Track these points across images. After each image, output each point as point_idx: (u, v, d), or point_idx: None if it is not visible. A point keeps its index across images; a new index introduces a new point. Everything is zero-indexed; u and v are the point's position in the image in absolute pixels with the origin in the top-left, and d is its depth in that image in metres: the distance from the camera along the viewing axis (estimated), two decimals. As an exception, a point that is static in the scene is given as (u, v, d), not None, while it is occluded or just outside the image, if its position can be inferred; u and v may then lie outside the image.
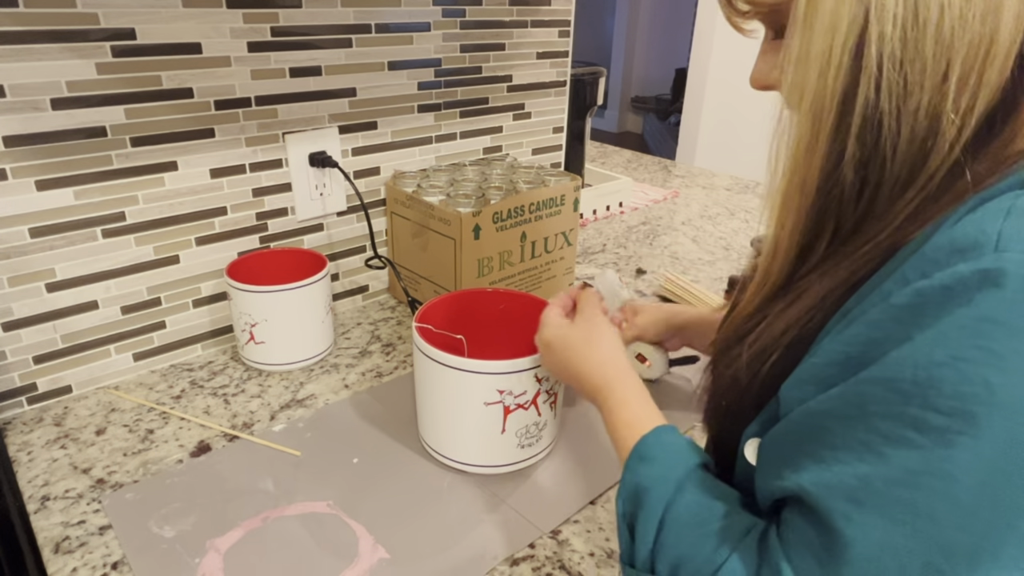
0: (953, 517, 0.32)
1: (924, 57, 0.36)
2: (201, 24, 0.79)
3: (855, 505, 0.34)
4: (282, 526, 0.64)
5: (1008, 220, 0.33)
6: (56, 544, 0.62)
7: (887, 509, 0.34)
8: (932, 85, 0.36)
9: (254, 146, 0.89)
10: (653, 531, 0.44)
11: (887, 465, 0.34)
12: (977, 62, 0.36)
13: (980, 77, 0.36)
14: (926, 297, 0.34)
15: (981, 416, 0.31)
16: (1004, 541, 0.32)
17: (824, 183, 0.40)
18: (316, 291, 0.87)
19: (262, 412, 0.81)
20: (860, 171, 0.39)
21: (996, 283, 0.32)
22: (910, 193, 0.39)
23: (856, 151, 0.39)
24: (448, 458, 0.71)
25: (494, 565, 0.61)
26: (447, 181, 1.01)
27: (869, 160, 0.39)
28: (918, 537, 0.33)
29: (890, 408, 0.34)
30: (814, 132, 0.40)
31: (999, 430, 0.31)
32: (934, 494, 0.33)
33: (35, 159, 0.74)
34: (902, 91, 0.37)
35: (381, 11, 0.94)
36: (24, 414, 0.80)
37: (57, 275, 0.79)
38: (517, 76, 1.15)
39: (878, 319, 0.36)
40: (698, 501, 0.44)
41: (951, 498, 0.32)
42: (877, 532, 0.33)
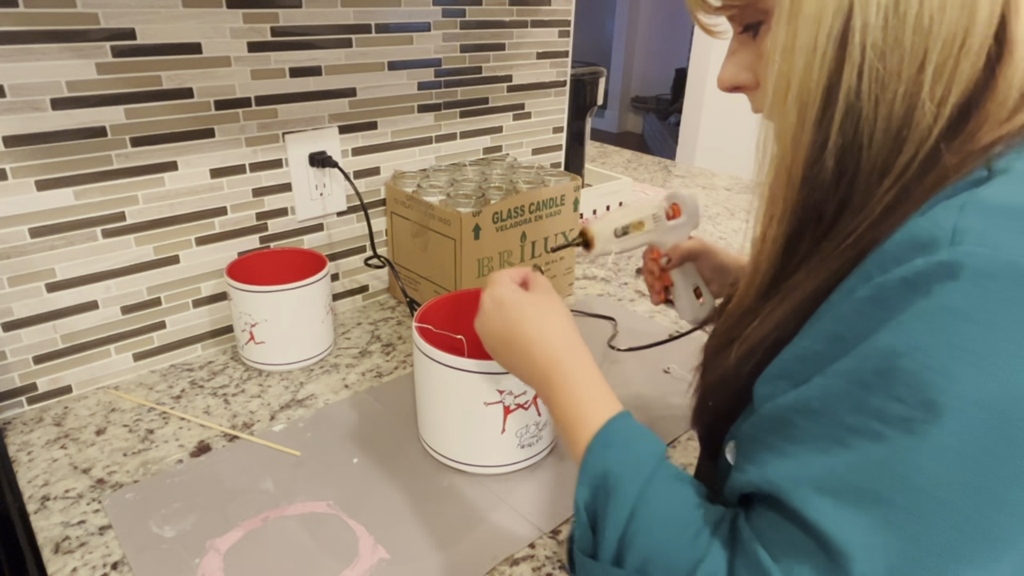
0: (923, 507, 0.32)
1: (903, 46, 0.37)
2: (201, 24, 0.79)
3: (823, 495, 0.34)
4: (282, 526, 0.64)
5: (962, 215, 0.34)
6: (56, 544, 0.62)
7: (856, 499, 0.34)
8: (909, 75, 0.37)
9: (254, 146, 0.89)
10: (623, 521, 0.42)
11: (853, 455, 0.34)
12: (953, 53, 0.37)
13: (955, 67, 0.37)
14: (886, 291, 0.35)
15: (943, 404, 0.32)
16: (980, 531, 0.32)
17: (808, 172, 0.41)
18: (316, 291, 0.87)
19: (262, 412, 0.81)
20: (840, 160, 0.40)
21: (952, 275, 0.32)
22: (886, 182, 0.39)
23: (838, 139, 0.39)
24: (448, 458, 0.71)
25: (494, 565, 0.61)
26: (447, 181, 1.01)
27: (848, 149, 0.39)
28: (890, 528, 0.33)
29: (853, 400, 0.34)
30: (800, 122, 0.40)
31: (962, 417, 0.31)
32: (902, 483, 0.33)
33: (35, 159, 0.74)
34: (882, 80, 0.37)
35: (381, 11, 0.94)
36: (24, 414, 0.80)
37: (57, 275, 0.79)
38: (517, 76, 1.15)
39: (842, 314, 0.37)
40: (670, 490, 0.43)
41: (920, 488, 0.32)
42: (849, 521, 0.33)
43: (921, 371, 0.32)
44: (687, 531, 0.41)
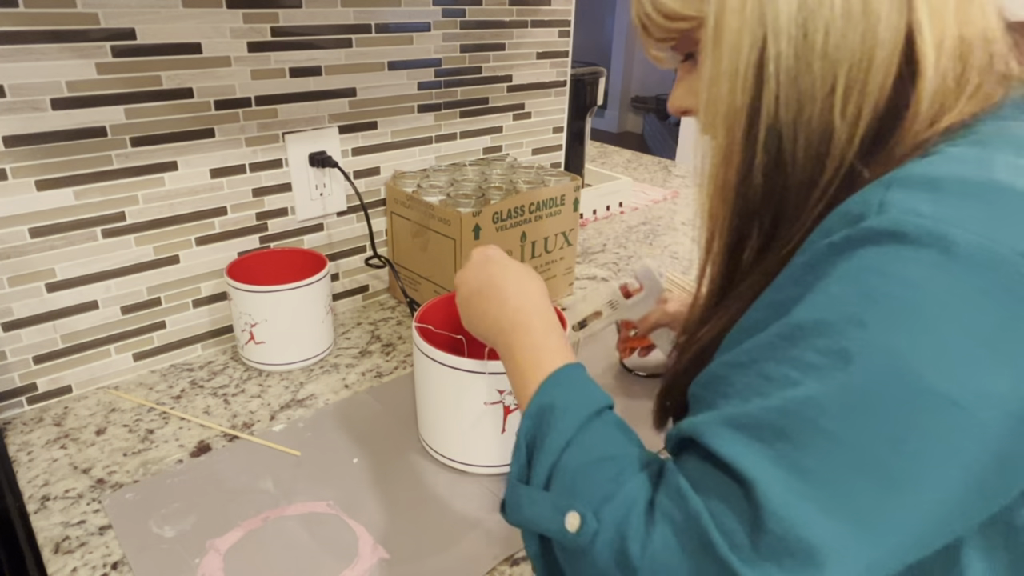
0: (822, 444, 0.34)
1: (813, 71, 0.40)
2: (201, 24, 0.79)
3: (735, 432, 0.36)
4: (282, 526, 0.64)
5: (889, 191, 0.36)
6: (56, 544, 0.62)
7: (763, 435, 0.35)
8: (821, 96, 0.41)
9: (254, 146, 0.89)
10: (558, 450, 0.43)
11: (768, 400, 0.36)
12: (859, 75, 0.40)
13: (863, 88, 0.40)
14: (817, 257, 0.37)
15: (854, 352, 0.34)
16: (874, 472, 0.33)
17: (740, 188, 0.45)
18: (316, 291, 0.87)
19: (262, 412, 0.81)
20: (768, 176, 0.43)
21: (876, 241, 0.35)
22: (815, 195, 0.43)
23: (763, 157, 0.43)
24: (448, 458, 0.71)
25: (494, 565, 0.61)
26: (447, 181, 1.01)
27: (774, 165, 0.43)
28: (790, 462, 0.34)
29: (776, 352, 0.37)
30: (729, 142, 0.44)
31: (869, 364, 0.34)
32: (806, 422, 0.34)
33: (35, 159, 0.74)
34: (797, 102, 0.41)
35: (381, 11, 0.94)
36: (24, 414, 0.80)
37: (57, 275, 0.79)
38: (517, 76, 1.15)
39: (780, 283, 0.40)
40: (609, 431, 0.45)
41: (821, 427, 0.34)
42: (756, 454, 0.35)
43: (838, 322, 0.35)
44: (617, 464, 0.42)
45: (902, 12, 0.39)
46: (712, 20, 0.42)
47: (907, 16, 0.39)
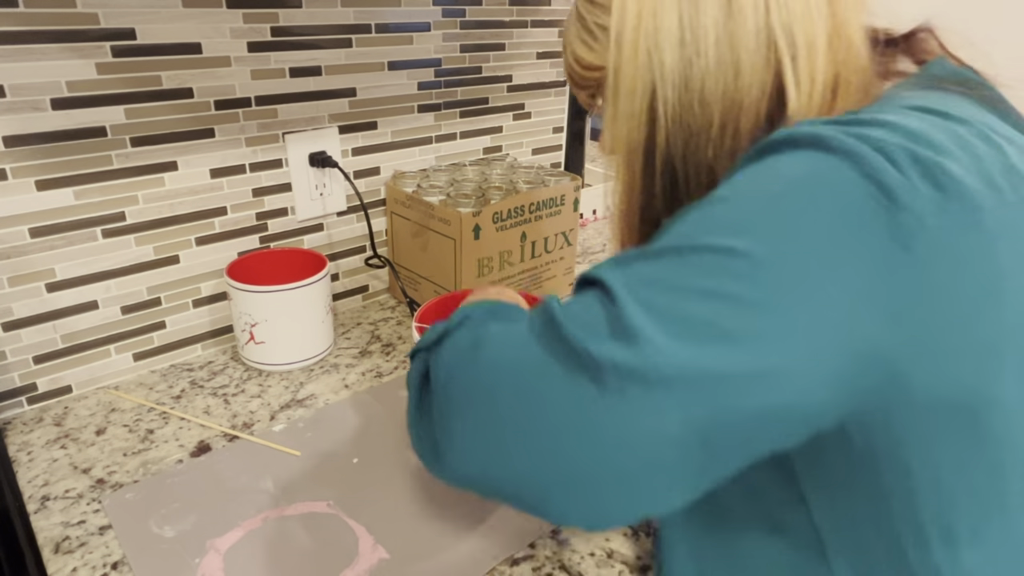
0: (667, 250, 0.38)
1: (695, 113, 0.46)
2: (201, 24, 0.79)
3: (613, 265, 0.39)
4: (282, 526, 0.64)
5: (799, 125, 0.39)
6: (56, 544, 0.62)
7: (629, 259, 0.39)
8: (704, 134, 0.47)
9: (254, 146, 0.89)
10: (458, 315, 0.49)
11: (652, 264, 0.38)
12: (732, 116, 0.46)
13: (736, 127, 0.46)
14: (734, 170, 0.41)
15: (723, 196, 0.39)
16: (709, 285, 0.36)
17: (644, 214, 0.51)
18: (316, 291, 0.87)
19: (262, 412, 0.81)
20: (668, 202, 0.49)
21: (776, 150, 0.39)
22: None
23: (662, 187, 0.49)
24: (448, 458, 0.71)
25: (494, 565, 0.61)
26: (447, 181, 1.01)
27: (672, 192, 0.49)
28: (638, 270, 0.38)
29: (676, 233, 0.39)
30: (630, 175, 0.50)
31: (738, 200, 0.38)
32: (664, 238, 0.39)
33: (35, 159, 0.74)
34: (684, 139, 0.47)
35: (381, 11, 0.94)
36: (24, 414, 0.80)
37: (57, 275, 0.79)
38: (517, 76, 1.15)
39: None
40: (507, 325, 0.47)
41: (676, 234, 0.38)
42: (618, 271, 0.38)
43: (719, 191, 0.39)
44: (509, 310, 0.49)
45: (769, 61, 0.45)
46: (612, 69, 0.49)
47: (774, 65, 0.45)
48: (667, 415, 0.34)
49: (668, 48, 0.46)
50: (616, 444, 0.35)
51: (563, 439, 0.36)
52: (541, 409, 0.37)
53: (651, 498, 0.36)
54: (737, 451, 0.36)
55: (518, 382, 0.39)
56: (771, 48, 0.45)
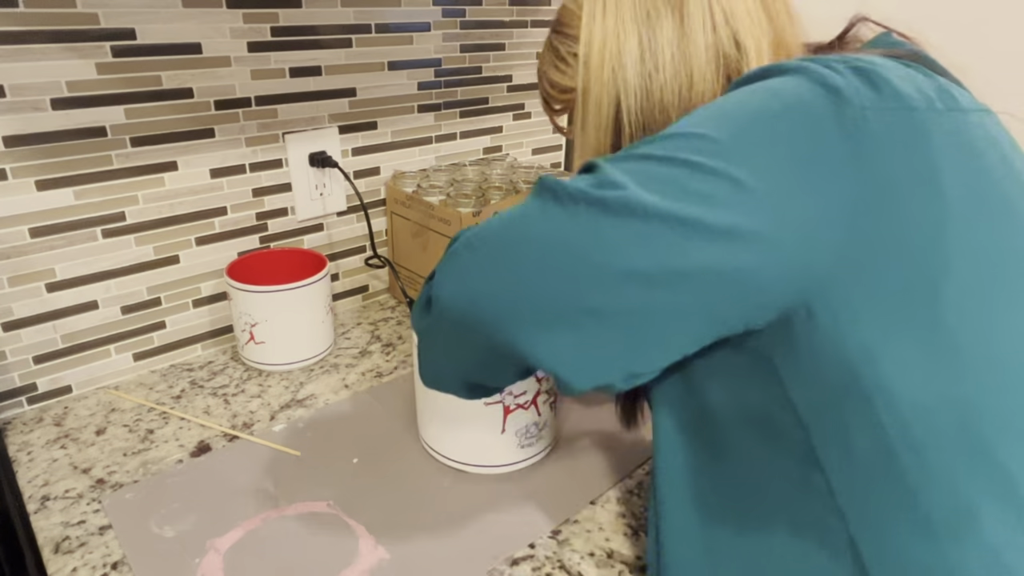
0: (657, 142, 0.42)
1: (655, 119, 0.53)
2: (201, 24, 0.79)
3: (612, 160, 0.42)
4: (282, 526, 0.64)
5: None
6: (56, 544, 0.62)
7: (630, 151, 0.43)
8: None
9: (254, 146, 0.89)
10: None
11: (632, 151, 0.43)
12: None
13: None
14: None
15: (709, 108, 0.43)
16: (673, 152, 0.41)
17: None
18: (316, 291, 0.87)
19: (262, 412, 0.81)
20: None
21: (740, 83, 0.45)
22: None
23: None
24: (448, 458, 0.71)
25: (494, 565, 0.61)
26: (447, 181, 1.01)
27: None
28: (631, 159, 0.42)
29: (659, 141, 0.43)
30: None
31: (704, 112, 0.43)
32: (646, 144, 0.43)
33: (35, 159, 0.74)
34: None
35: (381, 11, 0.94)
36: (24, 414, 0.80)
37: (57, 275, 0.79)
38: (517, 76, 1.15)
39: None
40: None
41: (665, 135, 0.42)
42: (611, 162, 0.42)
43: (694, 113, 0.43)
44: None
45: (718, 70, 0.52)
46: (581, 88, 0.56)
47: (723, 72, 0.52)
48: (635, 247, 0.38)
49: (630, 65, 0.54)
50: (587, 275, 0.38)
51: (538, 264, 0.40)
52: (522, 234, 0.41)
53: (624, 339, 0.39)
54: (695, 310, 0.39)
55: (508, 223, 0.43)
56: (719, 59, 0.53)
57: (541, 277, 0.40)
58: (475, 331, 0.45)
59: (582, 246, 0.39)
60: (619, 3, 0.55)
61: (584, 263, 0.39)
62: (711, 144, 0.39)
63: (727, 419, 0.45)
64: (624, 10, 0.54)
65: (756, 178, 0.38)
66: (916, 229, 0.38)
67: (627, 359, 0.40)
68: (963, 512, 0.37)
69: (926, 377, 0.38)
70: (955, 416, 0.38)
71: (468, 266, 0.44)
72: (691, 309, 0.38)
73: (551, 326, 0.40)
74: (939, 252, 0.38)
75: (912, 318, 0.38)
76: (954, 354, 0.38)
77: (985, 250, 0.39)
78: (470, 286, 0.44)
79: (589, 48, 0.56)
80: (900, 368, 0.38)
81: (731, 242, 0.37)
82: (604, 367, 0.41)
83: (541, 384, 0.68)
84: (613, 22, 0.55)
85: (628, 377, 0.41)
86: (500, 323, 0.42)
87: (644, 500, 0.69)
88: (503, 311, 0.42)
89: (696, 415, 0.47)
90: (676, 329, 0.39)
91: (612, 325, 0.39)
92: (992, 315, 0.39)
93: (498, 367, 0.50)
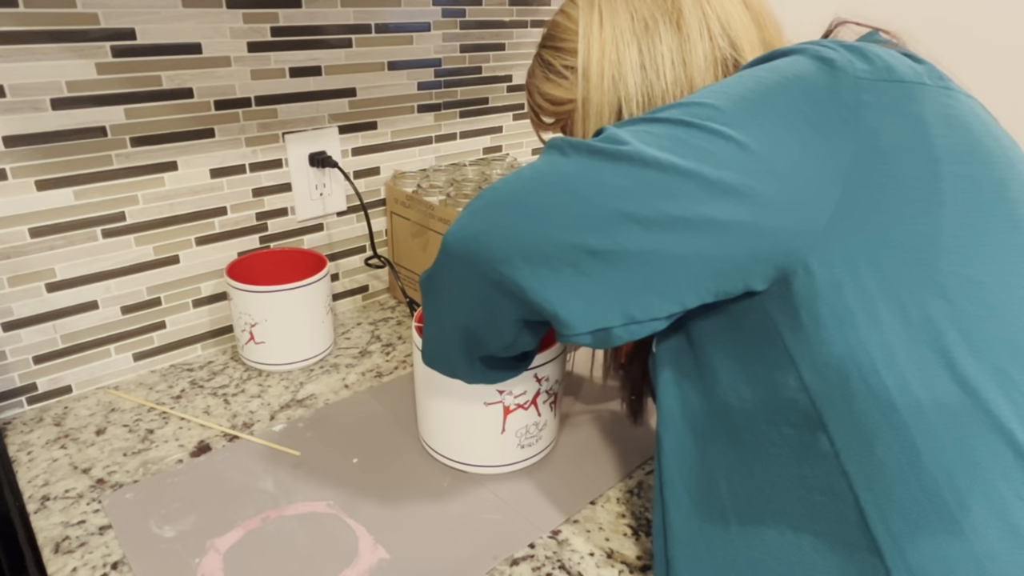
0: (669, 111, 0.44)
1: None
2: (201, 24, 0.79)
3: (620, 125, 0.44)
4: (282, 526, 0.64)
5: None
6: (56, 544, 0.62)
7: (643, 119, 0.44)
8: None
9: (254, 146, 0.89)
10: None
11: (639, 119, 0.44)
12: None
13: None
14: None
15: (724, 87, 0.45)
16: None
17: None
18: (316, 291, 0.87)
19: (262, 412, 0.81)
20: None
21: (781, 54, 0.46)
22: None
23: None
24: (448, 458, 0.71)
25: (494, 565, 0.61)
26: (447, 181, 1.01)
27: None
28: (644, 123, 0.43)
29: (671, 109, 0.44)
30: None
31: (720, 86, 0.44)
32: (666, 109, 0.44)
33: (35, 159, 0.74)
34: None
35: (381, 11, 0.94)
36: (24, 414, 0.80)
37: (57, 275, 0.79)
38: (517, 76, 1.15)
39: None
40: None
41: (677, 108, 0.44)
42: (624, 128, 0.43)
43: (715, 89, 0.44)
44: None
45: (716, 76, 0.55)
46: (580, 99, 0.58)
47: (722, 78, 0.53)
48: (634, 192, 0.39)
49: (631, 73, 0.56)
50: (588, 215, 0.40)
51: (544, 206, 0.41)
52: (529, 179, 0.43)
53: (625, 282, 0.41)
54: (693, 259, 0.40)
55: (516, 174, 0.44)
56: (717, 65, 0.55)
57: (544, 215, 0.41)
58: (477, 268, 0.45)
59: (583, 188, 0.40)
60: (615, 16, 0.57)
61: (585, 203, 0.40)
62: (712, 111, 0.41)
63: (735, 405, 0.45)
64: (621, 22, 0.57)
65: (755, 140, 0.39)
66: (910, 186, 0.40)
67: (625, 302, 0.41)
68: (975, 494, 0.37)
69: (926, 334, 0.39)
70: (953, 375, 0.38)
71: (475, 209, 0.46)
72: (689, 257, 0.40)
73: (552, 264, 0.41)
74: (931, 207, 0.40)
75: (909, 270, 0.39)
76: (950, 305, 0.39)
77: (976, 209, 0.41)
78: (477, 225, 0.45)
79: (588, 59, 0.58)
80: (902, 321, 0.39)
81: (729, 196, 0.39)
82: (603, 309, 0.41)
83: (541, 384, 0.68)
84: (611, 34, 0.57)
85: (627, 322, 0.42)
86: (503, 258, 0.43)
87: (644, 500, 0.69)
88: (506, 246, 0.43)
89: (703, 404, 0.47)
90: (674, 275, 0.40)
91: (611, 265, 0.40)
92: (981, 267, 0.40)
93: (499, 313, 0.49)
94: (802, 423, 0.41)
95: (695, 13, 0.56)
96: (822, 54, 0.43)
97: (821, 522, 0.41)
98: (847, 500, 0.40)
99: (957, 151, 0.41)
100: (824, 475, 0.41)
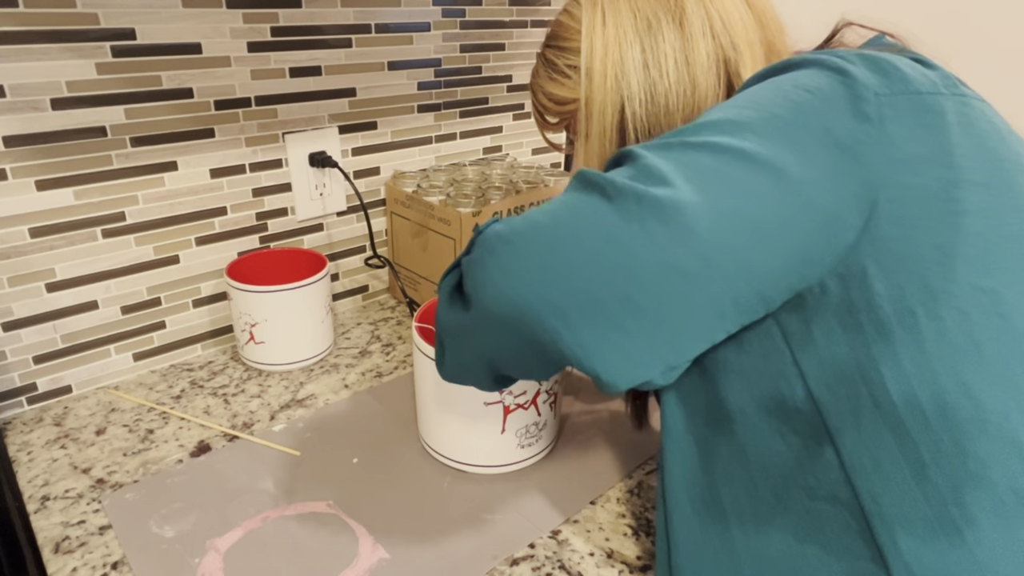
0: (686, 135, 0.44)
1: (660, 123, 0.56)
2: (201, 24, 0.79)
3: (646, 148, 0.44)
4: (282, 526, 0.64)
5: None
6: (56, 544, 0.62)
7: (664, 143, 0.44)
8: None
9: (254, 146, 0.89)
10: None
11: (664, 140, 0.44)
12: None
13: None
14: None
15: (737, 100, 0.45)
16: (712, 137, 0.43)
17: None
18: (316, 291, 0.87)
19: (262, 412, 0.81)
20: None
21: (760, 77, 0.47)
22: None
23: None
24: (448, 458, 0.71)
25: (494, 565, 0.61)
26: (447, 181, 1.01)
27: None
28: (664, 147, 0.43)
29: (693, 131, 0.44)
30: None
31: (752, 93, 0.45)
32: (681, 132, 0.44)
33: (35, 159, 0.74)
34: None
35: (381, 11, 0.94)
36: (24, 414, 0.80)
37: (57, 275, 0.79)
38: (517, 76, 1.15)
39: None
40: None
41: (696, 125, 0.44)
42: (648, 150, 0.43)
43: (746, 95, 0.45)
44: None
45: (719, 75, 0.56)
46: (584, 98, 0.58)
47: (724, 77, 0.56)
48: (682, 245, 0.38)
49: (634, 72, 0.56)
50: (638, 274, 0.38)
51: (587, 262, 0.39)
52: (573, 232, 0.40)
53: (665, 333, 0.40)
54: (728, 297, 0.39)
55: (555, 220, 0.41)
56: (719, 64, 0.56)
57: (592, 276, 0.39)
58: (517, 330, 0.43)
59: (635, 247, 0.38)
60: (618, 15, 0.57)
61: (636, 263, 0.38)
62: (747, 132, 0.41)
63: (739, 414, 0.45)
64: (624, 21, 0.57)
65: (792, 165, 0.39)
66: (930, 198, 0.40)
67: (664, 353, 0.40)
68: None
69: (937, 347, 0.38)
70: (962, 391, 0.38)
71: (512, 264, 0.43)
72: (721, 296, 0.39)
73: (598, 325, 0.39)
74: (951, 218, 0.40)
75: (925, 283, 0.39)
76: (964, 317, 0.39)
77: (995, 216, 0.41)
78: (516, 285, 0.42)
79: (591, 58, 0.58)
80: (913, 335, 0.39)
81: (778, 219, 0.39)
82: (643, 362, 0.40)
83: (541, 384, 0.68)
84: (614, 32, 0.57)
85: (666, 371, 0.41)
86: (547, 322, 0.41)
87: (644, 500, 0.69)
88: (551, 310, 0.41)
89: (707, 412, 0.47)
90: (707, 317, 0.40)
91: (651, 319, 0.39)
92: (997, 277, 0.40)
93: (535, 363, 0.48)
94: (808, 433, 0.41)
95: (698, 12, 0.56)
96: (841, 68, 0.43)
97: (826, 532, 0.41)
98: (852, 510, 0.40)
99: (974, 160, 0.41)
100: (829, 485, 0.40)
